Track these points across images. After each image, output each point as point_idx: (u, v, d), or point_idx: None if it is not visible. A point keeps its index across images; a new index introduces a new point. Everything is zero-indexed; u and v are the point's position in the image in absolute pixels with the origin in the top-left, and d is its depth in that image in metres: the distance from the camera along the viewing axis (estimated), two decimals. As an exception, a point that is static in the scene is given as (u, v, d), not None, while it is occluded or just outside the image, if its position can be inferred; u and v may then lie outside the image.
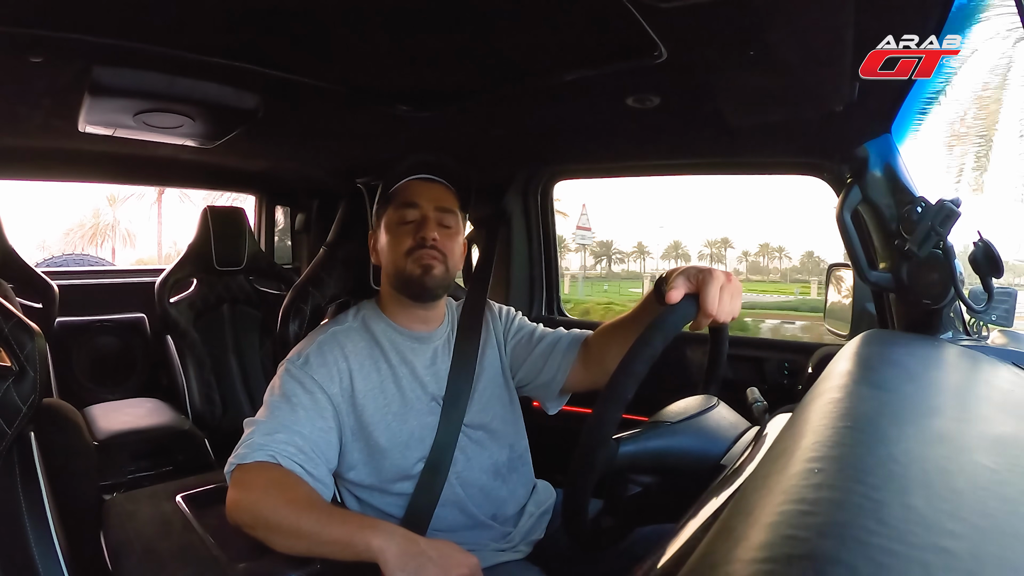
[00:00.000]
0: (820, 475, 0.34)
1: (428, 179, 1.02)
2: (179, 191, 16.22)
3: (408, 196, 0.99)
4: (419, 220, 0.98)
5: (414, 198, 0.99)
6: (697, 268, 0.77)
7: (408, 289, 0.98)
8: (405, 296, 0.99)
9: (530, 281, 1.92)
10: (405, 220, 0.98)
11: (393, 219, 0.99)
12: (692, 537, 0.44)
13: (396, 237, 0.98)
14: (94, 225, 23.48)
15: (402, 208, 0.98)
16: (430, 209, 0.98)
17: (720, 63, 0.92)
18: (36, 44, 0.98)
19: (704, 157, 1.62)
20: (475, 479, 0.99)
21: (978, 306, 0.95)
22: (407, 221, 0.98)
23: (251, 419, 0.90)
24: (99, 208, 23.19)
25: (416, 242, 0.96)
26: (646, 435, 0.71)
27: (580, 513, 0.68)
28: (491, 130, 1.49)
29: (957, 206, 0.91)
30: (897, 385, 0.58)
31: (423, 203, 0.98)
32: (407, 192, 1.00)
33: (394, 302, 1.01)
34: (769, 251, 33.99)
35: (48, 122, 1.47)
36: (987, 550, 0.28)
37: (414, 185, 1.01)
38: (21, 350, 0.83)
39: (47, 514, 0.85)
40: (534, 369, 1.06)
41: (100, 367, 2.17)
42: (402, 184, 1.01)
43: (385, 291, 1.03)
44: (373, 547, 0.72)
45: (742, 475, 0.55)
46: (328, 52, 1.08)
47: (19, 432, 0.84)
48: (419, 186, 1.01)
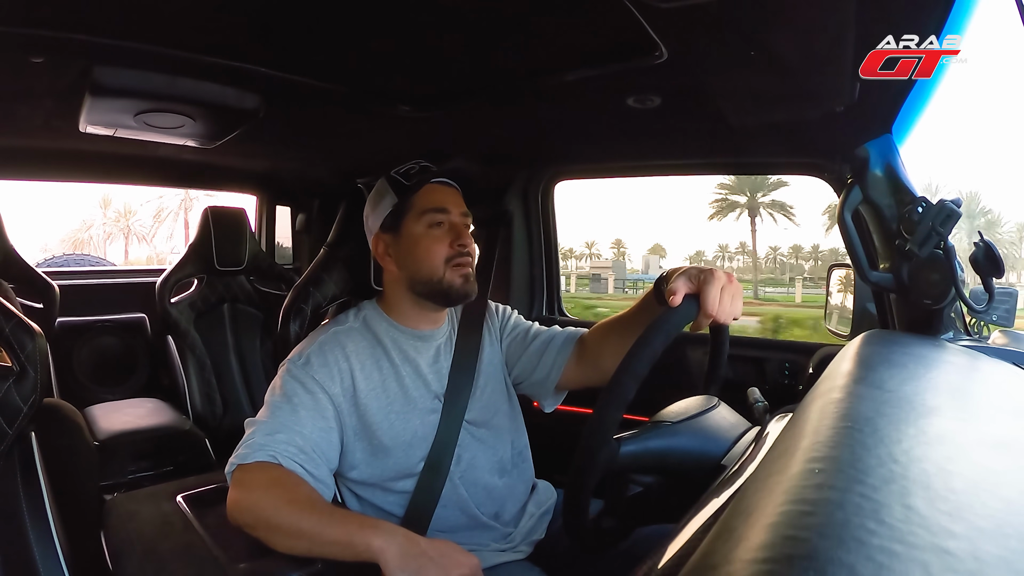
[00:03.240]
0: (820, 475, 0.34)
1: (445, 183, 1.01)
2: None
3: (437, 202, 0.98)
4: (449, 226, 0.97)
5: (443, 203, 0.97)
6: (698, 269, 0.77)
7: (444, 297, 0.97)
8: (434, 302, 0.98)
9: (531, 281, 1.92)
10: (434, 225, 0.97)
11: (419, 225, 0.97)
12: (693, 537, 0.44)
13: (429, 244, 0.96)
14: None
15: (430, 214, 0.97)
16: (457, 215, 0.98)
17: (721, 63, 0.92)
18: (37, 44, 0.99)
19: (705, 157, 1.62)
20: (479, 478, 0.99)
21: (979, 306, 0.95)
22: (436, 224, 0.97)
23: (252, 419, 0.90)
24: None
25: (455, 250, 0.96)
26: (647, 435, 0.71)
27: (581, 513, 0.68)
28: (492, 130, 1.50)
29: (958, 206, 0.91)
30: (898, 385, 0.58)
31: (451, 208, 0.98)
32: (433, 198, 0.98)
33: (407, 303, 1.00)
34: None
35: (49, 122, 1.47)
36: (987, 550, 0.28)
37: (438, 190, 0.99)
38: (22, 350, 0.83)
39: (48, 514, 0.85)
40: (529, 366, 1.06)
41: (101, 367, 2.17)
42: (424, 189, 0.99)
43: (397, 294, 1.01)
44: (374, 547, 0.72)
45: (743, 475, 0.55)
46: (329, 52, 1.08)
47: (20, 432, 0.84)
48: (442, 191, 0.99)
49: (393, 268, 1.00)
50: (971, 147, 51.44)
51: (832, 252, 28.36)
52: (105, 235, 25.46)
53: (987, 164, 48.88)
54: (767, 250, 31.53)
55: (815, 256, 30.18)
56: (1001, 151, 55.47)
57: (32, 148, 1.80)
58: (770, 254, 31.74)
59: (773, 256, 31.77)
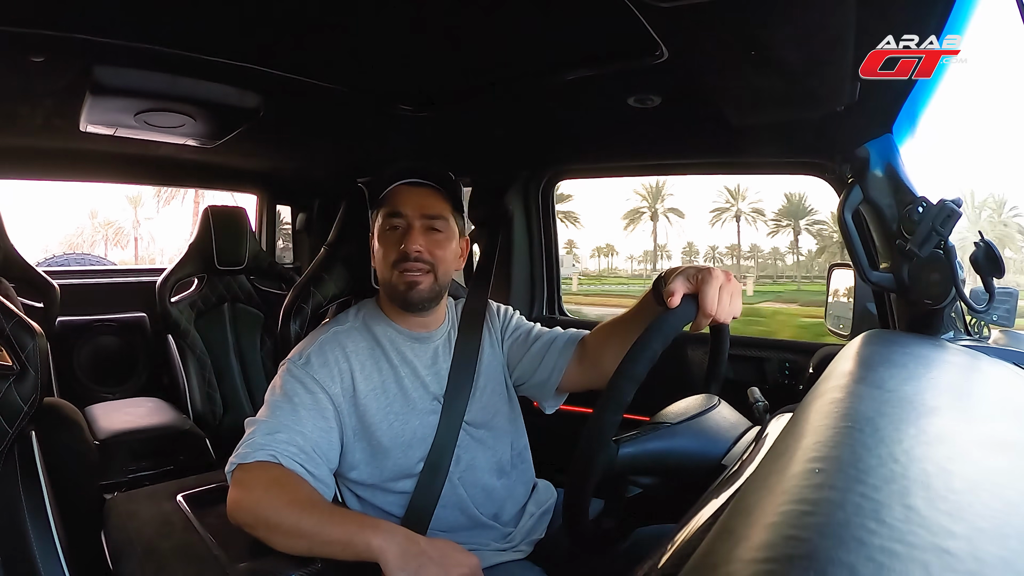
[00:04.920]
0: (821, 475, 0.34)
1: (417, 184, 1.00)
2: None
3: (394, 204, 0.97)
4: (403, 229, 0.96)
5: (399, 207, 0.97)
6: (696, 268, 0.76)
7: (396, 300, 0.98)
8: (396, 305, 0.99)
9: (531, 281, 1.92)
10: (390, 228, 0.97)
11: (382, 227, 0.98)
12: (693, 537, 0.44)
13: (383, 246, 0.97)
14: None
15: (387, 217, 0.97)
16: (416, 217, 0.96)
17: (721, 63, 0.92)
18: (38, 44, 0.99)
19: (705, 157, 1.61)
20: (478, 479, 0.99)
21: (979, 306, 0.95)
22: (392, 228, 0.97)
23: (252, 419, 0.90)
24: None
25: (400, 254, 0.95)
26: (647, 436, 0.71)
27: (581, 514, 0.68)
28: (492, 130, 1.50)
29: (958, 206, 0.91)
30: (898, 385, 0.58)
31: (408, 211, 0.96)
32: (393, 200, 0.98)
33: (392, 305, 1.01)
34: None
35: (50, 121, 1.47)
36: (987, 550, 0.28)
37: (401, 192, 0.99)
38: (22, 349, 0.83)
39: (48, 513, 0.85)
40: (530, 368, 1.06)
41: (101, 366, 2.18)
42: (390, 190, 0.99)
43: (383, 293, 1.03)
44: (374, 546, 0.73)
45: (743, 475, 0.55)
46: (329, 52, 1.08)
47: (20, 431, 0.85)
48: (405, 193, 0.99)
49: (376, 267, 1.02)
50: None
51: (731, 248, 30.80)
52: (91, 241, 29.10)
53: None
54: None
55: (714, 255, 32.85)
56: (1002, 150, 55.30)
57: (33, 147, 1.80)
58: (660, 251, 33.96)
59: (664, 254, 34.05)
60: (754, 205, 30.68)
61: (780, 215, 29.97)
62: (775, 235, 30.85)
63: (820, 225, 29.49)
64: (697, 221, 32.14)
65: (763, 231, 31.25)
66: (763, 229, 31.08)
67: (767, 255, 31.10)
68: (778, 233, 30.63)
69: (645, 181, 30.93)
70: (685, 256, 33.15)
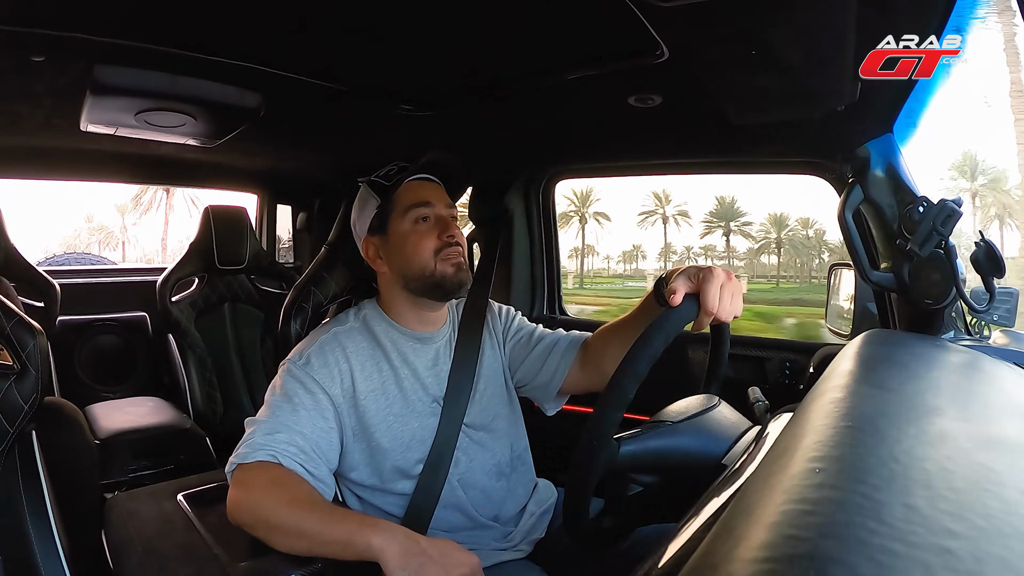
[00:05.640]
0: (821, 475, 0.34)
1: (426, 179, 1.01)
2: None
3: (420, 196, 0.98)
4: (435, 219, 0.97)
5: (427, 198, 0.98)
6: (697, 267, 0.77)
7: (439, 290, 0.96)
8: (430, 298, 0.98)
9: (532, 281, 1.92)
10: (420, 220, 0.97)
11: (405, 222, 0.97)
12: (693, 537, 0.44)
13: (416, 239, 0.96)
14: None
15: (415, 209, 0.97)
16: (442, 207, 0.98)
17: (722, 63, 0.92)
18: (38, 43, 0.98)
19: (706, 157, 1.61)
20: (477, 480, 0.99)
21: (980, 306, 0.95)
22: (421, 219, 0.97)
23: (252, 418, 0.90)
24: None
25: (443, 241, 0.95)
26: (647, 435, 0.71)
27: (581, 513, 0.69)
28: (492, 130, 1.49)
29: (959, 206, 0.91)
30: (898, 385, 0.58)
31: (435, 202, 0.98)
32: (416, 193, 0.98)
33: (404, 304, 1.00)
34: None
35: (50, 121, 1.47)
36: (987, 550, 0.27)
37: (419, 186, 0.99)
38: (23, 349, 0.83)
39: (49, 512, 0.85)
40: (532, 370, 1.06)
41: (102, 366, 2.18)
42: (403, 187, 0.99)
43: (393, 295, 1.00)
44: (374, 546, 0.72)
45: (743, 475, 0.55)
46: (330, 51, 1.08)
47: (21, 430, 0.85)
48: (423, 186, 1.00)
49: (385, 270, 1.00)
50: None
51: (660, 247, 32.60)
52: (87, 243, 31.15)
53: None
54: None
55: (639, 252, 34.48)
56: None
57: (33, 147, 1.80)
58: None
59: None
60: (679, 208, 32.29)
61: (713, 216, 31.26)
62: (707, 236, 32.55)
63: (748, 226, 31.21)
64: (625, 224, 33.58)
65: (687, 232, 32.82)
66: (687, 231, 32.69)
67: (696, 254, 32.92)
68: (709, 234, 32.33)
69: (574, 185, 32.28)
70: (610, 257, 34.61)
